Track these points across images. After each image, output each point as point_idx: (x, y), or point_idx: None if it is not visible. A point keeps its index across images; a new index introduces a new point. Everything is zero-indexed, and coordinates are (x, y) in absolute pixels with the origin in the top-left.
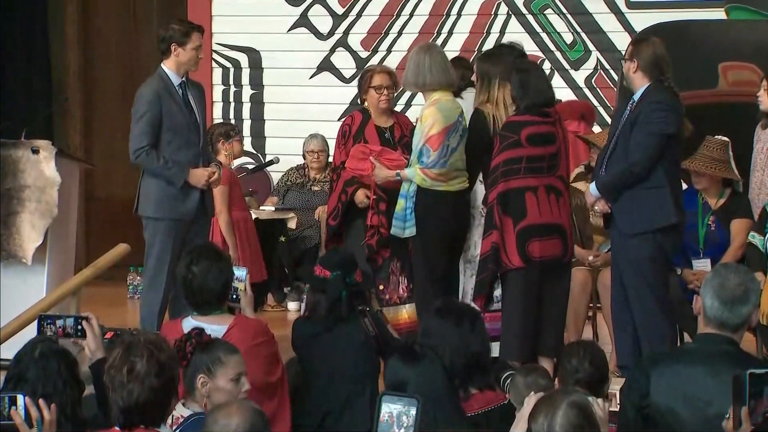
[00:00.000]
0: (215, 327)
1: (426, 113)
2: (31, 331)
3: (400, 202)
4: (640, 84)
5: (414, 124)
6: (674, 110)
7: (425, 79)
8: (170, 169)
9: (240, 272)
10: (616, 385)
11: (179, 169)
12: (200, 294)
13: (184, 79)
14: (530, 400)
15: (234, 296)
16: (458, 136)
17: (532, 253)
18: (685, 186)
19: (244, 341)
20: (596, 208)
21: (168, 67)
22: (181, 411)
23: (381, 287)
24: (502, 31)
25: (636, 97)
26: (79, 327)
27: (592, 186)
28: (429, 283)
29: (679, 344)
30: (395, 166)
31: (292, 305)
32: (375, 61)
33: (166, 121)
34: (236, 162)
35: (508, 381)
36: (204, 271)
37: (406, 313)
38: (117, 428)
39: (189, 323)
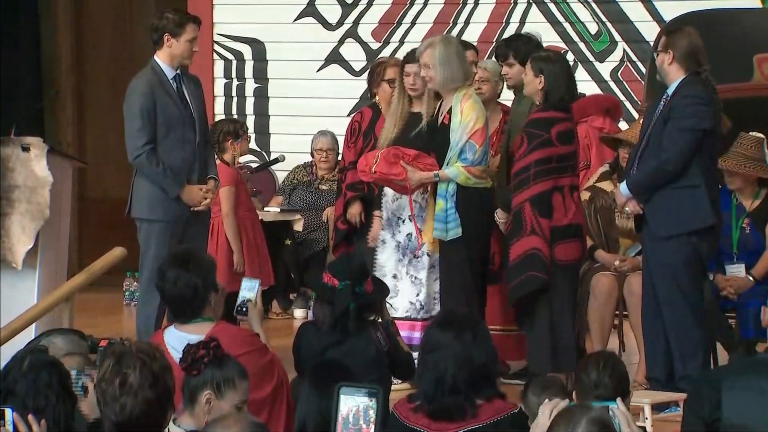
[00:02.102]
0: (193, 337)
1: (467, 107)
2: (22, 340)
3: (440, 203)
4: (676, 76)
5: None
6: (710, 104)
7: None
8: (167, 178)
9: (251, 283)
10: (644, 398)
11: (175, 182)
12: (173, 303)
13: (178, 71)
14: (545, 409)
15: (243, 309)
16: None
17: (558, 256)
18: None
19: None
20: (627, 209)
21: (161, 59)
22: (173, 430)
23: None
24: (522, 21)
25: (670, 90)
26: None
27: (623, 186)
28: (468, 287)
29: (712, 355)
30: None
31: (298, 313)
32: (387, 52)
33: (160, 116)
34: (241, 159)
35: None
36: (173, 279)
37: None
38: None
39: (171, 333)
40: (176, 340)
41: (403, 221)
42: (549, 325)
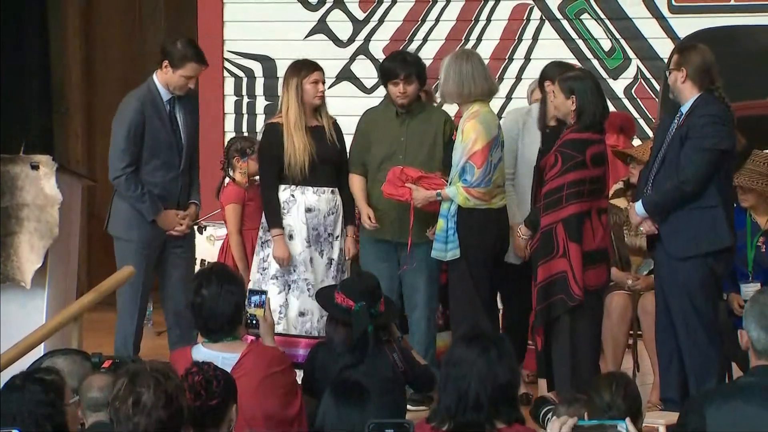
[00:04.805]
0: (227, 355)
1: (467, 127)
2: (30, 360)
3: (440, 223)
4: (690, 95)
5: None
6: (727, 123)
7: (470, 89)
8: (144, 202)
9: (256, 297)
10: (659, 419)
11: (152, 206)
12: (210, 319)
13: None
14: (554, 426)
15: (252, 321)
16: (499, 150)
17: (588, 282)
18: None
19: (259, 370)
20: (641, 228)
21: (159, 80)
22: None
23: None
24: (535, 38)
25: (684, 109)
26: (254, 321)
27: (638, 205)
28: (476, 308)
29: (727, 375)
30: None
31: None
32: None
33: (147, 139)
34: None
35: (549, 416)
36: (214, 295)
37: (441, 342)
38: None
39: (199, 351)
40: (206, 358)
41: (337, 237)
42: (571, 347)
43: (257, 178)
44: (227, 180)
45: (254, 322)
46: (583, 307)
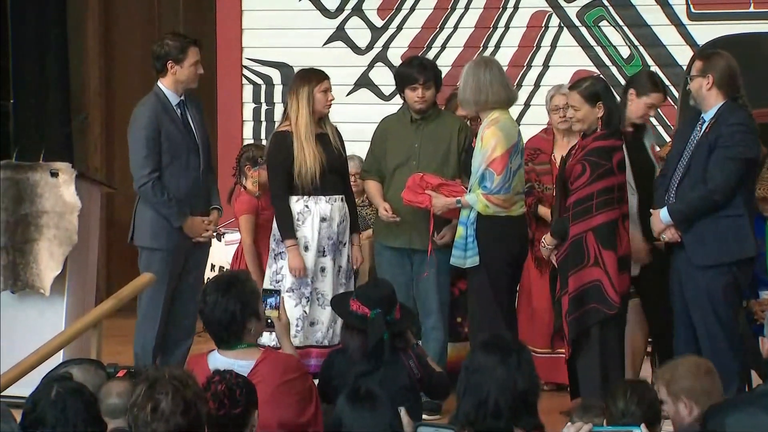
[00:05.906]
0: (241, 362)
1: (487, 134)
2: (49, 366)
3: (460, 230)
4: (714, 102)
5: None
6: (753, 132)
7: (487, 96)
8: (171, 208)
9: (271, 299)
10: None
11: (180, 212)
12: (212, 327)
13: (182, 97)
14: (569, 431)
15: (268, 322)
16: (519, 157)
17: (621, 288)
18: None
19: (273, 378)
20: (664, 236)
21: (165, 85)
22: None
23: (459, 320)
24: (554, 45)
25: (707, 116)
26: (269, 321)
27: (663, 212)
28: (495, 315)
29: (746, 382)
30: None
31: None
32: None
33: (164, 144)
34: None
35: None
36: (212, 303)
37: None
38: None
39: (215, 358)
40: (221, 365)
41: (344, 244)
42: (600, 355)
43: None
44: (239, 188)
45: (269, 322)
46: (617, 316)
